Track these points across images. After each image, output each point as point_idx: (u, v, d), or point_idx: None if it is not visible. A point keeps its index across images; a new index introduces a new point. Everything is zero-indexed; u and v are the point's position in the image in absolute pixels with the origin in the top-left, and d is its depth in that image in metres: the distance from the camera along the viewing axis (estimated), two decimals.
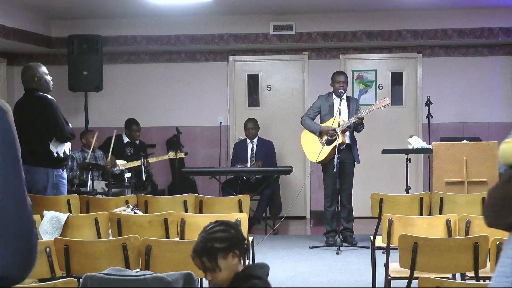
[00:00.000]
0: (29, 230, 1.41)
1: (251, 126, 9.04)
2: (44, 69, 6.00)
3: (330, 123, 7.53)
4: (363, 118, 7.35)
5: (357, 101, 7.78)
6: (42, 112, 5.79)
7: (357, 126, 7.42)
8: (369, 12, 9.15)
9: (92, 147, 7.96)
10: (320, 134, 7.59)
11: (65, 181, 6.07)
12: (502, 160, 2.08)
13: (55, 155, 5.88)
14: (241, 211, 5.49)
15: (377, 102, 7.72)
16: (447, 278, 4.13)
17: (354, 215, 7.76)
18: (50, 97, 5.95)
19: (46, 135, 5.82)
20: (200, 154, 9.81)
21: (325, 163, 7.57)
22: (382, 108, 7.51)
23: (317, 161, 7.58)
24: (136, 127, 9.04)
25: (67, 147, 6.03)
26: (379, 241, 4.96)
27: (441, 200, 5.48)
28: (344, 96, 7.63)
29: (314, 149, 7.59)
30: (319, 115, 7.76)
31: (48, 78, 6.00)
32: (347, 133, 7.54)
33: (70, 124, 6.10)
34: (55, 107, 5.90)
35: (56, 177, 5.90)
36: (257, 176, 8.74)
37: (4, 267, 1.36)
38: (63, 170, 6.02)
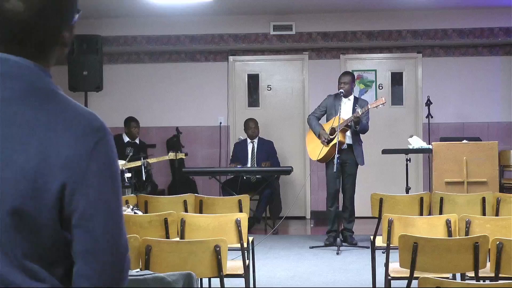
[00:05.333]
0: (115, 258, 1.48)
1: (254, 125, 9.05)
2: None
3: (331, 122, 7.54)
4: (358, 117, 7.31)
5: (364, 103, 7.53)
6: None
7: (355, 125, 7.38)
8: (369, 12, 9.15)
9: None
10: (320, 136, 7.59)
11: None
12: None
13: None
14: (241, 211, 5.48)
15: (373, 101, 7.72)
16: (447, 278, 4.13)
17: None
18: None
19: None
20: (200, 154, 9.81)
21: (327, 163, 7.56)
22: (377, 107, 7.43)
23: (317, 159, 7.59)
24: (134, 124, 9.08)
25: None
26: (379, 241, 4.95)
27: (441, 200, 5.48)
28: (351, 97, 7.62)
29: (316, 147, 7.61)
30: (326, 114, 7.75)
31: None
32: (348, 133, 7.52)
33: None
34: None
35: None
36: (257, 176, 8.75)
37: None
38: None
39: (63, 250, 1.46)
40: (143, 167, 7.96)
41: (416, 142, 7.52)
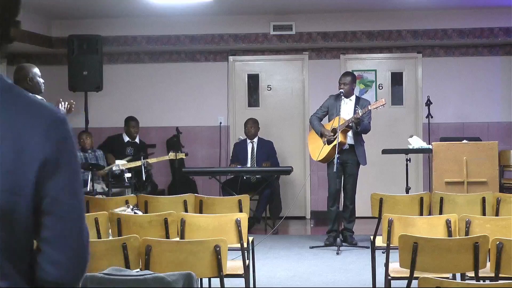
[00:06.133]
0: (82, 243, 1.50)
1: (251, 124, 9.07)
2: (36, 70, 5.97)
3: (332, 122, 7.53)
4: (358, 118, 7.31)
5: (366, 103, 7.52)
6: None
7: (356, 126, 7.37)
8: (369, 12, 9.15)
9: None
10: (322, 135, 7.59)
11: None
12: None
13: None
14: (241, 211, 5.49)
15: (373, 102, 7.70)
16: (447, 278, 4.13)
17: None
18: (39, 97, 5.93)
19: None
20: (200, 154, 9.81)
21: (328, 163, 7.57)
22: (378, 108, 7.42)
23: (318, 159, 7.60)
24: (133, 123, 9.09)
25: None
26: (379, 241, 4.96)
27: (441, 200, 5.48)
28: (353, 97, 7.61)
29: (317, 148, 7.62)
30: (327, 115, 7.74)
31: (41, 80, 5.98)
32: (349, 134, 7.51)
33: None
34: None
35: None
36: (257, 176, 8.75)
37: (58, 274, 1.47)
38: None
39: (30, 244, 1.48)
40: (143, 167, 7.96)
41: (416, 142, 7.52)
